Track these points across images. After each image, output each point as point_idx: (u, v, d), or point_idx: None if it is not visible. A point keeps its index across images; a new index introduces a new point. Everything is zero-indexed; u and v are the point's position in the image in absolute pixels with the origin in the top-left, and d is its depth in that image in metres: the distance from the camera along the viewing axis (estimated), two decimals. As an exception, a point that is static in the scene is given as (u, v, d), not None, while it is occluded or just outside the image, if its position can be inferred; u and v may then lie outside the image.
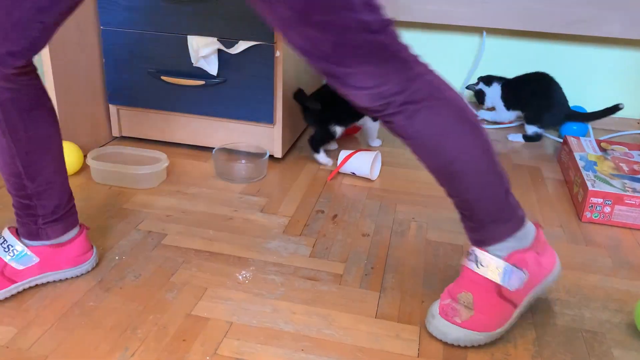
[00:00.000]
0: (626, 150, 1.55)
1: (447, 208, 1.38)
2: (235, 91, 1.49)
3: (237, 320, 0.96)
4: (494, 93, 1.89)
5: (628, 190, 1.30)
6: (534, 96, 1.80)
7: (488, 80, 1.91)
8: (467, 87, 1.96)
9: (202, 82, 1.48)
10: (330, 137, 1.56)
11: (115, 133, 1.65)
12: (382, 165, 1.60)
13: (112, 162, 1.39)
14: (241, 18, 1.41)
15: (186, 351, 0.88)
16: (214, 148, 1.56)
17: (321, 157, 1.57)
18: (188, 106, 1.54)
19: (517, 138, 1.84)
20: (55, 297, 0.99)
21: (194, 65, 1.47)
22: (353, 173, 1.51)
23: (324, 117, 1.53)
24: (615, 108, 1.74)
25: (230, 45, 1.44)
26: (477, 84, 1.93)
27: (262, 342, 0.91)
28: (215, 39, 1.43)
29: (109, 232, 1.20)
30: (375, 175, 1.52)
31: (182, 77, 1.50)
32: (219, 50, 1.45)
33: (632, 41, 1.91)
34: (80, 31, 1.46)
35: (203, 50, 1.43)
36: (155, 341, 0.90)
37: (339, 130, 1.56)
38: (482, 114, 1.97)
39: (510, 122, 1.95)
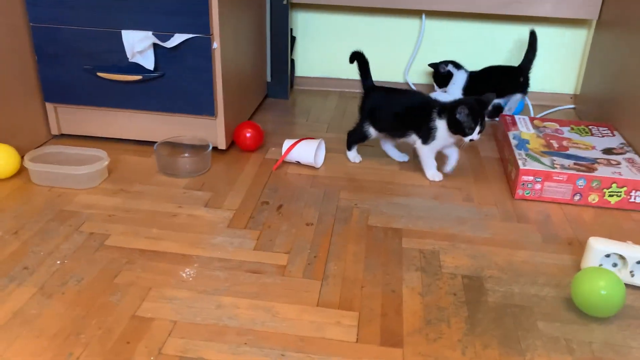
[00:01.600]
0: (557, 127, 1.63)
1: (388, 193, 1.42)
2: (175, 84, 1.48)
3: (182, 319, 0.98)
4: (459, 79, 1.91)
5: (556, 167, 1.37)
6: (489, 86, 1.84)
7: (458, 65, 1.92)
8: (431, 65, 1.96)
9: (139, 77, 1.47)
10: (364, 137, 1.55)
11: (54, 131, 1.62)
12: (327, 152, 1.63)
13: (51, 163, 1.37)
14: (176, 11, 1.39)
15: (131, 353, 0.90)
16: (156, 142, 1.55)
17: (351, 154, 1.59)
18: (127, 101, 1.52)
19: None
20: (-5, 307, 0.98)
21: (130, 60, 1.45)
22: (298, 162, 1.54)
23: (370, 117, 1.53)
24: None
25: (166, 38, 1.42)
26: (447, 65, 1.93)
27: (206, 338, 0.93)
28: (150, 33, 1.41)
29: (49, 235, 1.19)
30: (319, 162, 1.55)
31: (118, 72, 1.47)
32: (155, 45, 1.43)
33: (562, 20, 1.98)
34: (9, 29, 1.42)
35: (138, 45, 1.41)
36: (100, 345, 0.91)
37: (373, 133, 1.54)
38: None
39: None
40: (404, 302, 1.04)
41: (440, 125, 1.40)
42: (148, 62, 1.44)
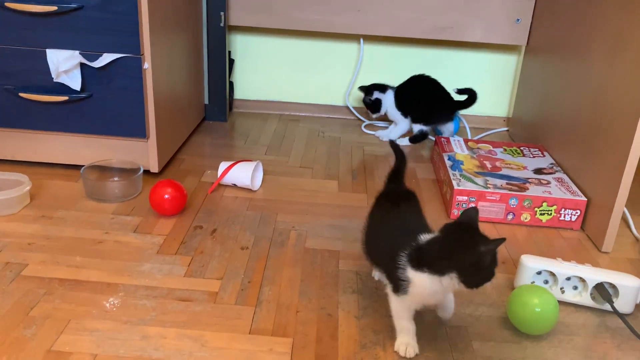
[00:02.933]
0: (491, 148, 1.66)
1: (326, 215, 1.40)
2: (103, 106, 1.42)
3: (103, 352, 0.91)
4: (388, 100, 1.92)
5: (489, 187, 1.39)
6: (418, 96, 1.88)
7: (382, 88, 1.93)
8: (361, 88, 1.97)
9: (65, 98, 1.40)
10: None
11: (-28, 155, 1.52)
12: (265, 174, 1.60)
13: (-35, 189, 1.28)
14: (104, 30, 1.35)
15: (42, 392, 0.83)
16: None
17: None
18: (52, 123, 1.45)
19: (404, 142, 1.91)
20: None
21: (55, 80, 1.38)
22: (234, 184, 1.50)
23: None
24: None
25: (94, 58, 1.37)
26: (372, 93, 1.92)
27: (128, 373, 0.87)
28: (76, 52, 1.36)
29: (-41, 267, 1.10)
30: (256, 185, 1.52)
31: (43, 93, 1.40)
32: (82, 64, 1.37)
33: (494, 45, 2.05)
34: None
35: (64, 65, 1.35)
36: (8, 385, 0.83)
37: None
38: (382, 134, 1.98)
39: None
40: (339, 325, 1.01)
41: (419, 278, 0.88)
42: (74, 82, 1.38)
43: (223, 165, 1.49)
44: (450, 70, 2.08)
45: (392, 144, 1.15)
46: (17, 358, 0.89)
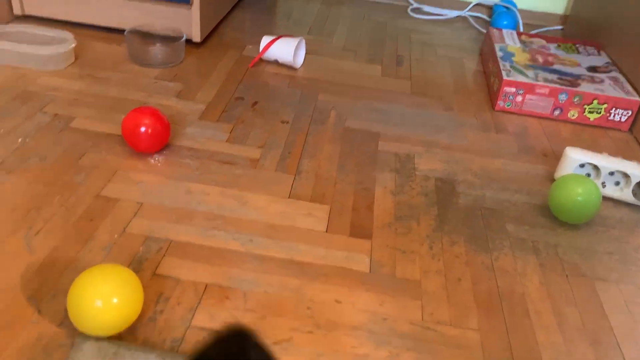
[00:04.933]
0: (544, 43, 1.59)
1: (368, 98, 1.38)
2: (148, -33, 1.38)
3: (148, 201, 0.95)
4: None
5: (539, 80, 1.34)
6: None
7: None
8: None
9: (109, -45, 1.35)
10: None
11: (17, 12, 1.51)
12: (307, 54, 1.56)
13: (13, 42, 1.28)
14: None
15: (93, 230, 0.87)
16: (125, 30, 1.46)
17: None
18: (96, -18, 1.42)
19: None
20: (-49, 179, 0.94)
21: None
22: (276, 60, 1.47)
23: None
24: None
25: None
26: None
27: (173, 221, 0.91)
28: None
29: (11, 114, 1.13)
30: (299, 62, 1.49)
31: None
32: None
33: None
34: None
35: None
36: (62, 221, 0.88)
37: None
38: None
39: None
40: (375, 199, 1.03)
41: None
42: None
43: (265, 40, 1.46)
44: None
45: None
46: (69, 199, 0.93)
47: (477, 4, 1.99)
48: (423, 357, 0.74)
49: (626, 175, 1.07)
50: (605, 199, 1.10)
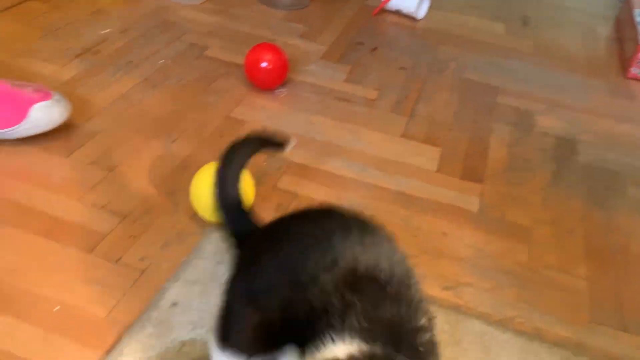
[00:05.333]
0: (692, 11, 1.46)
1: (489, 53, 1.36)
2: None
3: (271, 125, 1.01)
4: None
5: (683, 48, 1.25)
6: None
7: None
8: None
9: None
10: None
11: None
12: (430, 7, 1.55)
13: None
14: None
15: (223, 144, 0.94)
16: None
17: None
18: None
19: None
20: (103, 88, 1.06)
21: None
22: (399, 10, 1.48)
23: None
24: None
25: None
26: None
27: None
28: None
29: (153, 40, 1.23)
30: (421, 14, 1.48)
31: None
32: None
33: None
34: None
35: None
36: (196, 134, 0.97)
37: None
38: None
39: None
40: (490, 148, 1.03)
41: None
42: None
43: (390, -11, 1.46)
44: None
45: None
46: (202, 117, 1.01)
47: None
48: (526, 294, 0.74)
49: None
50: None
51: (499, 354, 0.65)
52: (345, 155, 0.96)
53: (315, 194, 0.87)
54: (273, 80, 1.10)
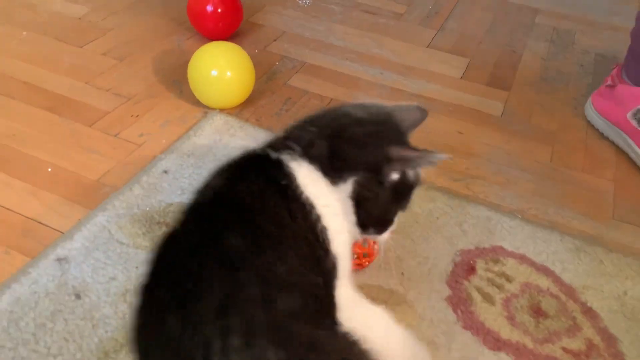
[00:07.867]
0: None
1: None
2: None
3: (290, 30, 0.98)
4: None
5: None
6: None
7: None
8: None
9: None
10: None
11: None
12: None
13: None
14: None
15: (239, 44, 0.93)
16: None
17: None
18: None
19: None
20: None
21: None
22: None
23: None
24: None
25: None
26: None
27: (311, 48, 0.93)
28: None
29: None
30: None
31: None
32: None
33: None
34: None
35: None
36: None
37: None
38: None
39: None
40: (522, 60, 0.96)
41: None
42: None
43: None
44: None
45: None
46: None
47: None
48: (543, 190, 0.69)
49: None
50: None
51: (504, 237, 0.60)
52: (364, 61, 0.92)
53: (326, 92, 0.83)
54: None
